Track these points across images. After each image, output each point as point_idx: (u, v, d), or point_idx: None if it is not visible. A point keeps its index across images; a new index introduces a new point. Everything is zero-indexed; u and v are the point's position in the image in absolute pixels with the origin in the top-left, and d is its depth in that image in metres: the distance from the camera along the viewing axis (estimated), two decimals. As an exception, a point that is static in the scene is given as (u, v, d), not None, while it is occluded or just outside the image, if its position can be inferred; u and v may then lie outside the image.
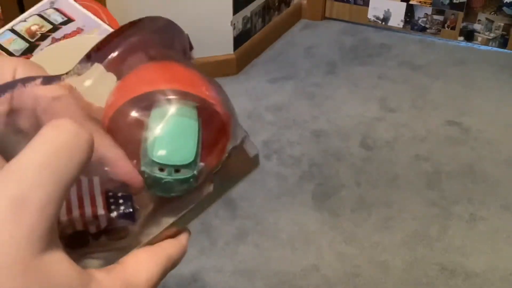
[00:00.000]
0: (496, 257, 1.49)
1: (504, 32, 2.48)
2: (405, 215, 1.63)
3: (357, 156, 1.86)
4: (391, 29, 2.71)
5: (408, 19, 2.66)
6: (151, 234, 0.35)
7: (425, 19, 2.61)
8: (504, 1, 2.42)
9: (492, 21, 2.49)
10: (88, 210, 0.32)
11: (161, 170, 0.33)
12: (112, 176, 0.32)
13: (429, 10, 2.59)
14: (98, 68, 0.34)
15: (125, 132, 0.33)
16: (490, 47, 2.53)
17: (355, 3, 2.74)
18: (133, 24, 0.35)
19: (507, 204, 1.66)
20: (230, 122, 0.36)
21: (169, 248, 0.35)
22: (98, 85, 0.34)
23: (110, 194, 0.33)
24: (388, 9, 2.68)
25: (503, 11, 2.44)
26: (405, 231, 1.57)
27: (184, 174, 0.34)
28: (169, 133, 0.33)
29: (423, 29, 2.64)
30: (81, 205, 0.32)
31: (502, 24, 2.47)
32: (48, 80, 0.32)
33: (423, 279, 1.43)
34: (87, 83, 0.33)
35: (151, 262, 0.32)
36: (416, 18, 2.63)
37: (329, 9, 2.81)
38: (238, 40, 2.33)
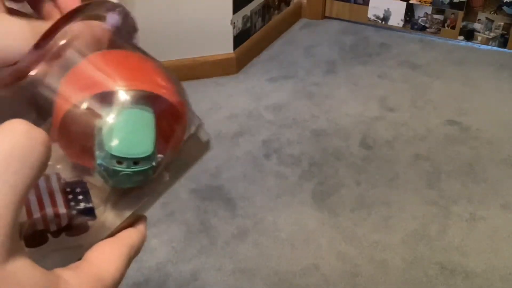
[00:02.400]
0: (495, 256, 1.49)
1: (504, 32, 2.48)
2: (405, 214, 1.63)
3: (357, 155, 1.86)
4: (391, 28, 2.71)
5: (408, 19, 2.65)
6: (110, 227, 0.35)
7: (425, 18, 2.61)
8: (504, 1, 2.42)
9: (492, 21, 2.48)
10: (49, 211, 0.32)
11: (119, 163, 0.33)
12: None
13: (429, 9, 2.59)
14: None
15: (80, 128, 0.32)
16: (490, 47, 2.53)
17: (355, 2, 2.74)
18: (80, 8, 0.34)
19: (507, 203, 1.66)
20: (185, 111, 0.35)
21: (130, 237, 0.35)
22: None
23: (68, 190, 0.33)
24: (388, 9, 2.68)
25: (503, 10, 2.44)
26: (405, 231, 1.57)
27: (142, 166, 0.33)
28: (126, 126, 0.33)
29: (423, 29, 2.64)
30: (41, 206, 0.32)
31: (502, 24, 2.47)
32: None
33: (423, 279, 1.43)
34: None
35: (116, 254, 0.32)
36: (416, 17, 2.63)
37: (329, 8, 2.81)
38: (238, 39, 2.33)
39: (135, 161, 0.33)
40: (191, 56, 2.24)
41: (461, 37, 2.57)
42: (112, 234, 0.35)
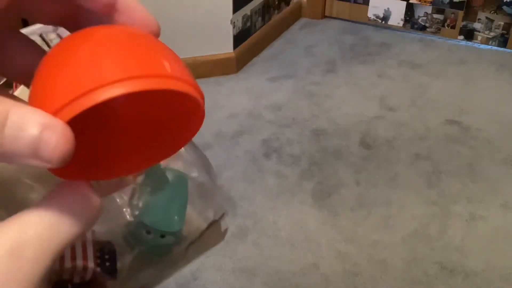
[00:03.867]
0: (495, 256, 1.49)
1: (504, 31, 2.48)
2: (404, 214, 1.63)
3: (356, 154, 1.86)
4: (391, 28, 2.70)
5: (408, 18, 2.65)
6: None
7: (425, 18, 2.61)
8: (504, 0, 2.41)
9: (492, 20, 2.48)
10: (79, 263, 0.32)
11: (148, 232, 0.33)
12: (127, 21, 0.26)
13: (429, 9, 2.59)
14: None
15: None
16: (490, 46, 2.53)
17: (355, 2, 2.74)
18: None
19: (507, 203, 1.66)
20: (203, 105, 0.28)
21: (65, 199, 0.27)
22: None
23: (98, 247, 0.33)
24: (388, 8, 2.68)
25: (503, 10, 2.44)
26: (405, 230, 1.57)
27: (168, 240, 0.34)
28: (162, 199, 0.33)
29: (423, 28, 2.64)
30: (73, 257, 0.32)
31: (502, 23, 2.47)
32: None
33: (423, 278, 1.43)
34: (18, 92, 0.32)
35: (40, 216, 0.25)
36: (416, 17, 2.63)
37: (329, 7, 2.81)
38: (238, 39, 2.33)
39: (163, 235, 0.34)
40: (191, 56, 2.24)
41: (461, 37, 2.57)
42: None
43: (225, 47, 2.29)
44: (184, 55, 2.24)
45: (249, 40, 2.41)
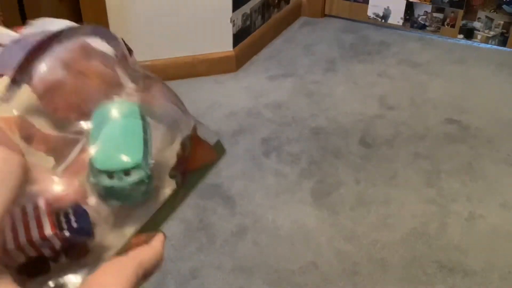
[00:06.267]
0: (494, 254, 1.49)
1: (503, 30, 2.48)
2: (404, 212, 1.63)
3: (356, 153, 1.86)
4: (390, 26, 2.70)
5: (407, 17, 2.65)
6: (117, 247, 0.34)
7: (424, 16, 2.61)
8: (504, -1, 2.42)
9: (492, 19, 2.48)
10: (35, 233, 0.30)
11: (110, 177, 0.31)
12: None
13: (428, 8, 2.59)
14: (25, 92, 0.31)
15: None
16: (490, 45, 2.53)
17: (355, 0, 2.74)
18: (55, 37, 0.32)
19: (506, 202, 1.66)
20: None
21: (139, 255, 0.33)
22: (28, 114, 0.31)
23: (62, 213, 0.31)
24: (388, 7, 2.68)
25: (503, 9, 2.44)
26: (404, 229, 1.57)
27: (135, 176, 0.32)
28: (111, 137, 0.31)
29: (422, 27, 2.64)
30: (27, 231, 0.30)
31: (502, 22, 2.47)
32: None
33: (422, 277, 1.43)
34: (15, 112, 0.31)
35: (119, 276, 0.30)
36: (415, 15, 2.63)
37: (328, 6, 2.81)
38: (238, 37, 2.33)
39: (126, 172, 0.31)
40: (190, 54, 2.24)
41: (461, 36, 2.57)
42: (121, 253, 0.33)
43: (225, 46, 2.29)
44: (184, 53, 2.24)
45: (249, 39, 2.41)
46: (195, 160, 0.39)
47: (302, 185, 1.73)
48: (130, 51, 0.37)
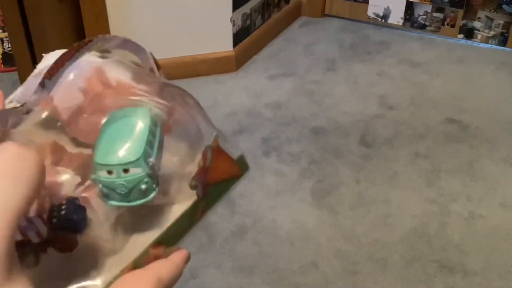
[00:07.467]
0: (494, 254, 1.49)
1: (504, 30, 2.48)
2: (404, 212, 1.63)
3: (356, 153, 1.86)
4: (390, 26, 2.70)
5: (408, 17, 2.65)
6: (127, 251, 0.33)
7: (424, 16, 2.61)
8: (504, -1, 2.41)
9: (492, 19, 2.48)
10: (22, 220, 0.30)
11: (109, 172, 0.31)
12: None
13: (428, 7, 2.59)
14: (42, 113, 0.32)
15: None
16: (490, 45, 2.53)
17: (355, 0, 2.74)
18: (84, 45, 0.32)
19: (506, 202, 1.66)
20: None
21: (159, 270, 0.33)
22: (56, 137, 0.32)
23: (57, 204, 0.32)
24: (388, 7, 2.68)
25: (503, 9, 2.44)
26: (404, 229, 1.57)
27: (134, 173, 0.31)
28: (114, 134, 0.31)
29: (422, 27, 2.64)
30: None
31: (502, 22, 2.47)
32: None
33: (422, 277, 1.43)
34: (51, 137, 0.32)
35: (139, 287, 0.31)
36: (416, 15, 2.63)
37: (328, 6, 2.81)
38: (238, 37, 2.33)
39: (125, 168, 0.31)
40: (190, 54, 2.24)
41: (461, 36, 2.57)
42: (139, 265, 0.33)
43: (225, 45, 2.29)
44: (184, 53, 2.24)
45: (249, 38, 2.41)
46: (217, 172, 0.39)
47: (302, 185, 1.73)
48: (158, 66, 0.38)
